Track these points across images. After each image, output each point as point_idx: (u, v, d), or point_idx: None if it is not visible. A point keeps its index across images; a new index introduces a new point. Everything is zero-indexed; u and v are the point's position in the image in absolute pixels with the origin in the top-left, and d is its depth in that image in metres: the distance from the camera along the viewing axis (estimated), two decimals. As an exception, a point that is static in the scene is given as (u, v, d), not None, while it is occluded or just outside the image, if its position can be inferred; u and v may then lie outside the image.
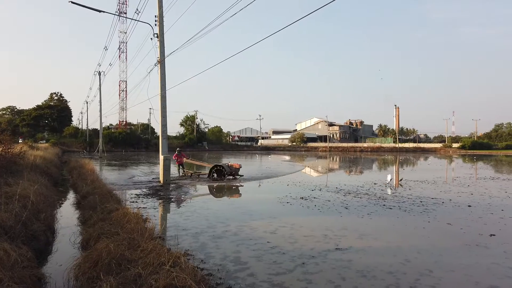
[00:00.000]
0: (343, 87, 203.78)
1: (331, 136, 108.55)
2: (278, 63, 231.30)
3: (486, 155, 61.57)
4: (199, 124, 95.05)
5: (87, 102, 75.83)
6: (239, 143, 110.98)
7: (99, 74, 48.85)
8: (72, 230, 8.08)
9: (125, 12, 73.18)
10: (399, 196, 13.71)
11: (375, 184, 17.98)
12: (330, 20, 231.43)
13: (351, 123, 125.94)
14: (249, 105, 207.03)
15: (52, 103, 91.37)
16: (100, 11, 17.72)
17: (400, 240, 7.74)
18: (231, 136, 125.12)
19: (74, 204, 11.65)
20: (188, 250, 6.48)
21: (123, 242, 5.74)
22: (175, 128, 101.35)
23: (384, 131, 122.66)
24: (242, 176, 20.43)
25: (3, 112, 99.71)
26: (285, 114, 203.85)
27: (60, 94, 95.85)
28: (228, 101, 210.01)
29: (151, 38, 18.35)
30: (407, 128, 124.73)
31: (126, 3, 75.65)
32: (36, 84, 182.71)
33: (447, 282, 5.33)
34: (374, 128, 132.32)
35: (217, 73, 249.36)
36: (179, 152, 21.53)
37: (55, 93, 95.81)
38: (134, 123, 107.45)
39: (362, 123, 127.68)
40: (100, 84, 49.77)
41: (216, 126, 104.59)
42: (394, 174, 24.37)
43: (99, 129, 57.14)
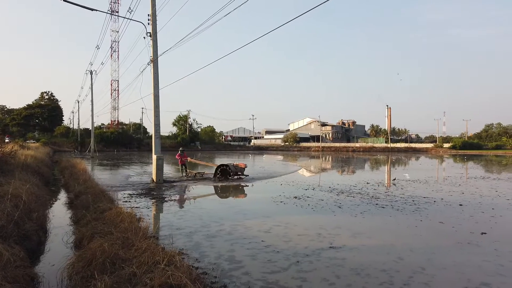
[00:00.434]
0: (335, 88, 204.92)
1: (324, 136, 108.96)
2: (271, 63, 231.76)
3: (477, 155, 62.27)
4: (191, 123, 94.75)
5: (78, 102, 74.98)
6: (232, 143, 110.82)
7: (91, 73, 48.33)
8: (64, 230, 8.01)
9: (117, 11, 72.75)
10: (391, 195, 13.82)
11: (367, 183, 18.11)
12: (324, 20, 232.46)
13: (343, 123, 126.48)
14: (242, 105, 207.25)
15: (42, 103, 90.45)
16: (92, 10, 17.60)
17: (393, 239, 7.80)
18: (224, 136, 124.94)
19: (66, 203, 11.55)
20: (182, 249, 6.47)
21: (117, 241, 5.72)
22: (167, 128, 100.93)
23: (376, 131, 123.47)
24: (248, 175, 20.24)
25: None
26: (278, 114, 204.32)
27: (51, 93, 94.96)
28: (221, 101, 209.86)
29: (144, 37, 18.26)
30: (398, 128, 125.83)
31: (118, 2, 75.21)
32: (27, 83, 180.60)
33: (440, 280, 5.39)
34: (366, 128, 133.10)
35: (210, 72, 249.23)
36: (182, 151, 21.16)
37: (46, 92, 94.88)
38: (126, 123, 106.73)
39: (354, 123, 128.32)
40: (91, 83, 49.32)
41: (209, 126, 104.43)
42: (405, 173, 25.09)
43: (90, 128, 56.65)
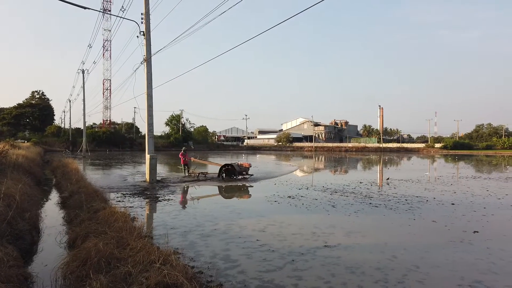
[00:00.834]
0: (328, 88, 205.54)
1: (317, 136, 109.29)
2: (264, 63, 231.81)
3: (467, 155, 62.92)
4: (184, 123, 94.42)
5: (70, 101, 74.49)
6: (225, 143, 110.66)
7: (83, 72, 47.99)
8: (57, 230, 7.94)
9: (109, 10, 72.16)
10: (384, 195, 13.91)
11: (360, 183, 18.21)
12: (316, 21, 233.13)
13: (336, 123, 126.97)
14: (235, 105, 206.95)
15: (33, 102, 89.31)
16: (85, 8, 17.42)
17: (387, 237, 7.86)
18: (217, 135, 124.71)
19: (58, 203, 11.45)
20: (177, 249, 6.44)
21: (111, 241, 5.68)
22: (160, 128, 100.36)
23: (369, 131, 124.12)
24: (252, 175, 20.11)
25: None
26: (271, 114, 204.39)
27: (42, 92, 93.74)
28: (214, 100, 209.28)
29: (138, 36, 18.18)
30: (391, 129, 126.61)
31: (110, 1, 74.56)
32: (17, 82, 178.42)
33: (434, 278, 5.44)
34: (359, 128, 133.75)
35: (203, 72, 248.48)
36: (185, 151, 20.99)
37: (36, 91, 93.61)
38: (119, 122, 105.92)
39: (347, 123, 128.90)
40: (83, 82, 48.95)
41: (202, 126, 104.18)
42: (432, 171, 25.87)
43: (82, 128, 56.17)
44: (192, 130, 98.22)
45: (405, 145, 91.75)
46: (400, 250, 6.82)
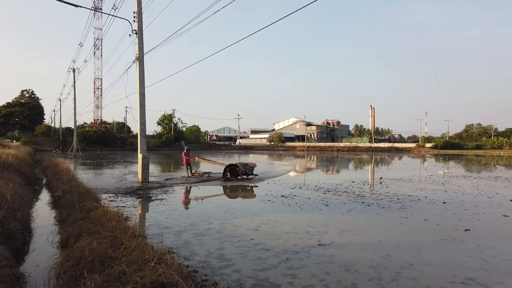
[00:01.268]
0: (320, 88, 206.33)
1: (309, 135, 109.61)
2: (256, 63, 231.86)
3: (457, 155, 63.63)
4: (176, 123, 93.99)
5: (60, 100, 73.72)
6: (218, 143, 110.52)
7: (74, 71, 47.47)
8: (49, 229, 7.86)
9: (100, 8, 71.51)
10: (377, 194, 14.01)
11: (353, 182, 18.32)
12: (308, 21, 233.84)
13: (328, 123, 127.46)
14: (227, 104, 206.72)
15: (23, 101, 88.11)
16: (76, 6, 17.25)
17: (380, 236, 7.92)
18: (209, 135, 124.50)
19: (50, 203, 11.33)
20: (171, 248, 6.40)
21: (105, 240, 5.64)
22: (152, 127, 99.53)
23: (360, 131, 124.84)
24: (257, 175, 19.92)
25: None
26: (263, 114, 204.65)
27: (32, 91, 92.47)
28: (206, 100, 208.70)
29: (130, 35, 18.01)
30: (382, 128, 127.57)
31: (101, -1, 73.92)
32: (6, 80, 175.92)
33: (427, 275, 5.50)
34: (351, 128, 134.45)
35: (195, 72, 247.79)
36: (188, 151, 20.79)
37: (26, 90, 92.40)
38: (110, 122, 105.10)
39: (339, 123, 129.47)
40: (74, 81, 48.43)
41: (194, 125, 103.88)
42: (445, 170, 26.89)
43: (73, 127, 55.61)
44: (184, 129, 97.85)
45: (396, 144, 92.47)
46: (393, 248, 6.88)
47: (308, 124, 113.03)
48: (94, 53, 77.18)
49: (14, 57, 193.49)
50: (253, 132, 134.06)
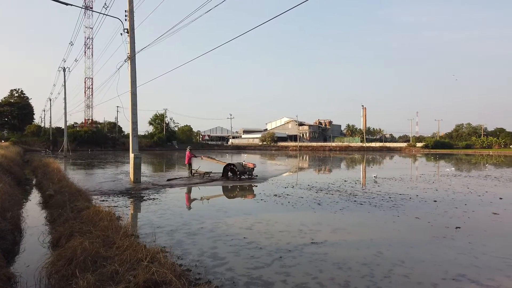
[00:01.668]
0: (312, 88, 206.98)
1: (301, 135, 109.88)
2: (248, 63, 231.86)
3: (448, 154, 64.32)
4: (168, 123, 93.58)
5: (50, 100, 72.86)
6: (210, 142, 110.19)
7: (64, 70, 46.95)
8: (40, 229, 7.77)
9: (91, 7, 70.84)
10: (369, 193, 14.11)
11: (345, 181, 18.41)
12: (299, 21, 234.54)
13: (320, 123, 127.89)
14: (219, 104, 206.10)
15: (12, 100, 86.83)
16: (67, 4, 17.09)
17: (372, 234, 7.98)
18: (202, 135, 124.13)
19: (40, 203, 11.20)
20: (164, 247, 6.37)
21: (97, 240, 5.60)
22: (143, 127, 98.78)
23: (352, 131, 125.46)
24: (257, 176, 19.69)
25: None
26: (255, 113, 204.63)
27: (21, 90, 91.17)
28: (198, 100, 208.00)
29: (121, 34, 17.87)
30: (373, 128, 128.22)
31: (92, -3, 73.19)
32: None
33: (418, 272, 5.55)
34: (342, 128, 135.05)
35: (187, 71, 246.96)
36: (191, 150, 20.72)
37: (15, 89, 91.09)
38: (101, 122, 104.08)
39: (331, 123, 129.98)
40: (64, 80, 47.89)
41: (186, 125, 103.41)
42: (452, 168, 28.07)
43: (63, 127, 54.98)
44: (176, 129, 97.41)
45: (387, 144, 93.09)
46: (385, 246, 6.93)
47: (300, 124, 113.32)
48: (85, 52, 76.44)
49: (3, 56, 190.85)
50: (245, 132, 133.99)
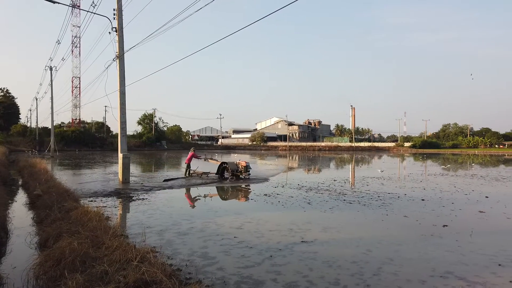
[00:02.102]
0: (302, 88, 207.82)
1: (291, 135, 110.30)
2: (237, 63, 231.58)
3: (435, 154, 65.25)
4: (157, 122, 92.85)
5: (37, 99, 71.71)
6: (199, 142, 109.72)
7: (51, 69, 46.23)
8: (27, 230, 7.64)
9: (78, 6, 69.93)
10: (358, 192, 14.22)
11: (334, 180, 18.53)
12: (288, 22, 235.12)
13: (309, 123, 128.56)
14: (209, 104, 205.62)
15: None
16: (54, 2, 16.85)
17: (362, 232, 8.05)
18: (191, 135, 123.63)
19: (27, 204, 11.03)
20: (154, 247, 6.33)
21: (86, 240, 5.53)
22: (132, 127, 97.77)
23: (341, 131, 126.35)
24: (250, 174, 19.26)
25: None
26: (245, 113, 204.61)
27: (7, 90, 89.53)
28: (188, 100, 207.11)
29: (110, 32, 17.68)
30: (362, 128, 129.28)
31: (80, -4, 72.25)
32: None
33: (407, 270, 5.62)
34: (332, 128, 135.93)
35: (177, 71, 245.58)
36: (194, 150, 20.60)
37: (1, 88, 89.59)
38: (89, 121, 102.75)
39: (320, 123, 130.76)
40: (51, 80, 47.17)
41: (176, 125, 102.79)
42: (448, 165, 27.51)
43: (50, 127, 54.16)
44: (165, 129, 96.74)
45: (376, 144, 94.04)
46: (375, 244, 7.00)
47: (290, 124, 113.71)
48: (72, 51, 75.40)
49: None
50: (235, 132, 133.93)
